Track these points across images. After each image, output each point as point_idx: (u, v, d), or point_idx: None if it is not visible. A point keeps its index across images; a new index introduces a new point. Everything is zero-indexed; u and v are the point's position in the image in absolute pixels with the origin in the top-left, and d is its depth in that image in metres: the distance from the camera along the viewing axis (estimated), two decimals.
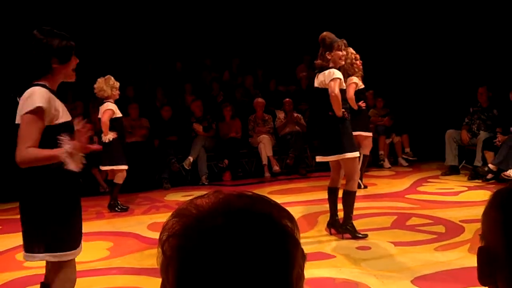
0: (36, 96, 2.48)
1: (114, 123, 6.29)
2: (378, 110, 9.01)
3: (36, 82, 2.53)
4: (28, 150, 2.42)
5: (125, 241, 5.17)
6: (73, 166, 2.45)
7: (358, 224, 4.98)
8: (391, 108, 9.10)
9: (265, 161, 8.52)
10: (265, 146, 8.55)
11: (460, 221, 5.21)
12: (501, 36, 8.02)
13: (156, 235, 5.27)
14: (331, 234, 4.94)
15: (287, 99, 9.12)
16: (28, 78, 2.56)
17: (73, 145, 2.45)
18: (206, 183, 8.19)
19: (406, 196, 6.58)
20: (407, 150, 8.92)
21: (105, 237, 5.35)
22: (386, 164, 8.66)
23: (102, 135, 6.25)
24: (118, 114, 6.40)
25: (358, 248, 4.57)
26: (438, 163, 8.40)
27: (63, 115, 2.58)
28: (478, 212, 3.78)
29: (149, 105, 9.13)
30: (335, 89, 4.61)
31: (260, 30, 10.55)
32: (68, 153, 2.43)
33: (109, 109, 6.25)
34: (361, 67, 6.30)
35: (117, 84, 6.36)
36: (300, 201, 6.45)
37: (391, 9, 9.63)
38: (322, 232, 5.06)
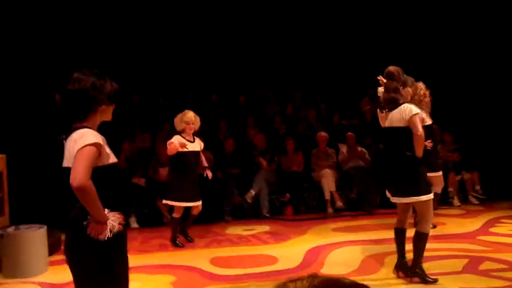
0: (90, 134, 2.55)
1: (181, 157, 6.31)
2: (447, 145, 8.69)
3: (79, 124, 2.59)
4: (90, 181, 2.45)
5: (188, 276, 5.17)
6: (102, 236, 2.49)
7: (427, 266, 4.76)
8: (460, 144, 8.76)
9: (327, 196, 8.37)
10: (328, 180, 8.41)
11: None
12: None
13: (218, 270, 5.27)
14: (399, 277, 4.74)
15: (350, 133, 8.99)
16: (72, 118, 2.63)
17: (117, 220, 2.55)
18: (267, 217, 8.13)
19: (478, 237, 6.25)
20: (477, 187, 8.52)
21: (168, 270, 5.38)
22: (456, 202, 8.30)
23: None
24: (185, 148, 6.28)
25: None
26: (510, 202, 7.96)
27: (112, 157, 2.66)
28: None
29: (213, 138, 9.25)
30: (419, 127, 4.47)
31: (324, 63, 10.55)
32: (110, 226, 2.50)
33: (170, 142, 6.27)
34: (429, 104, 6.09)
35: (189, 119, 6.49)
36: (365, 239, 6.27)
37: (461, 42, 9.37)
38: (390, 274, 4.86)
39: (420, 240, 4.60)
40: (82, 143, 2.49)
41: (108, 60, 9.22)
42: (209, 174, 6.72)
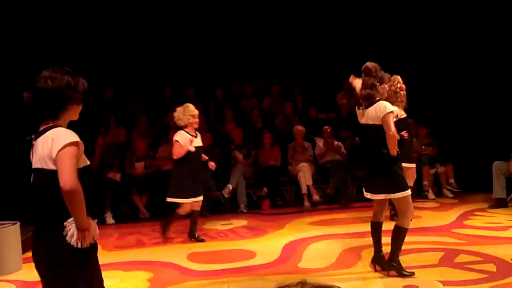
0: (68, 133, 2.47)
1: (188, 154, 6.04)
2: (421, 139, 8.78)
3: (52, 123, 2.50)
4: (79, 183, 2.37)
5: (165, 272, 5.12)
6: (86, 243, 2.43)
7: (403, 260, 4.79)
8: (435, 137, 8.87)
9: (304, 190, 8.40)
10: (305, 174, 8.44)
11: (511, 259, 4.96)
12: None
13: (195, 266, 5.24)
14: (376, 270, 4.77)
15: (327, 127, 9.02)
16: (43, 117, 2.53)
17: (96, 226, 2.51)
18: (245, 211, 8.12)
19: (453, 230, 6.33)
20: (451, 181, 8.64)
21: (145, 266, 5.32)
22: (431, 195, 8.40)
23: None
24: (187, 145, 6.01)
25: (405, 287, 4.38)
26: (484, 194, 8.09)
27: (85, 159, 2.58)
28: None
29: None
30: (391, 127, 4.46)
31: (300, 57, 10.55)
32: (90, 233, 2.45)
33: (175, 141, 6.04)
34: (404, 98, 6.11)
35: (195, 113, 6.16)
36: (342, 233, 6.30)
37: (436, 35, 9.46)
38: (367, 268, 4.89)
39: (399, 234, 4.63)
40: (63, 142, 2.39)
41: (81, 54, 9.06)
42: (213, 166, 6.61)
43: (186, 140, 6.00)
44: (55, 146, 2.39)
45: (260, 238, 6.41)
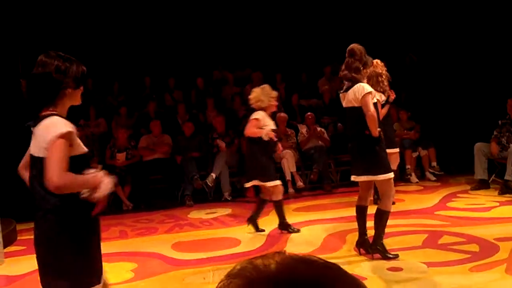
0: (61, 122, 2.43)
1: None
2: (403, 123, 8.82)
3: (49, 112, 2.46)
4: (67, 173, 2.34)
5: (149, 262, 5.08)
6: (111, 188, 2.45)
7: (387, 243, 4.82)
8: (417, 121, 8.92)
9: (288, 177, 8.39)
10: (288, 161, 8.42)
11: (494, 239, 5.02)
12: None
13: (179, 255, 5.20)
14: (360, 254, 4.79)
15: (309, 113, 9.01)
16: (40, 104, 2.49)
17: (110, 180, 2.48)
18: (229, 199, 8.10)
19: (436, 212, 6.38)
20: (434, 164, 8.70)
21: (128, 257, 5.27)
22: (413, 178, 8.46)
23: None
24: (268, 124, 5.68)
25: (389, 269, 4.40)
26: (467, 177, 8.17)
27: (82, 146, 2.54)
28: None
29: (171, 122, 9.10)
30: (370, 107, 4.45)
31: (280, 44, 10.50)
32: (108, 180, 2.44)
33: (254, 118, 5.62)
34: (385, 83, 6.08)
35: (274, 94, 5.77)
36: (326, 218, 6.31)
37: (415, 19, 9.48)
38: (351, 252, 4.91)
39: (382, 217, 4.64)
40: (54, 133, 2.36)
41: (59, 43, 8.89)
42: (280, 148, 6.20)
43: (269, 130, 5.62)
44: (48, 136, 2.37)
45: (244, 226, 6.38)
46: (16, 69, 6.28)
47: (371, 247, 4.69)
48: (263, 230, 5.93)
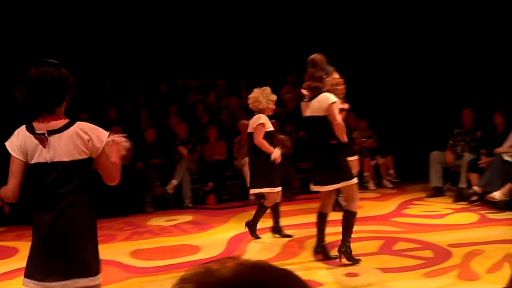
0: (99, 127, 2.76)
1: (265, 138, 5.63)
2: (361, 131, 9.00)
3: (60, 117, 2.70)
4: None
5: (107, 269, 4.97)
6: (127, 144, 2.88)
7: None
8: (375, 130, 9.11)
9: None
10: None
11: (447, 245, 5.17)
12: (485, 59, 8.11)
13: (138, 263, 5.16)
14: (318, 260, 4.86)
15: (272, 121, 9.05)
16: (47, 107, 2.66)
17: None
18: (190, 206, 8.07)
19: (392, 219, 6.53)
20: (391, 171, 8.91)
21: None
22: (371, 186, 8.63)
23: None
24: (270, 127, 5.70)
25: (346, 275, 4.49)
26: (422, 184, 8.38)
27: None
28: (465, 236, 3.78)
29: (132, 128, 9.01)
30: (337, 116, 4.54)
31: (244, 52, 10.56)
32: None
33: (261, 123, 5.59)
34: (343, 91, 6.18)
35: (274, 97, 5.78)
36: (286, 225, 6.35)
37: (374, 31, 9.70)
38: (309, 257, 4.98)
39: (349, 218, 4.74)
40: (101, 140, 2.70)
41: (21, 50, 8.73)
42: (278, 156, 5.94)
43: (278, 154, 5.62)
44: (100, 138, 2.71)
45: (205, 233, 6.39)
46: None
47: (340, 249, 4.70)
48: (290, 236, 5.78)
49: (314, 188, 4.85)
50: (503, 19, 7.88)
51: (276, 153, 5.59)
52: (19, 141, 2.64)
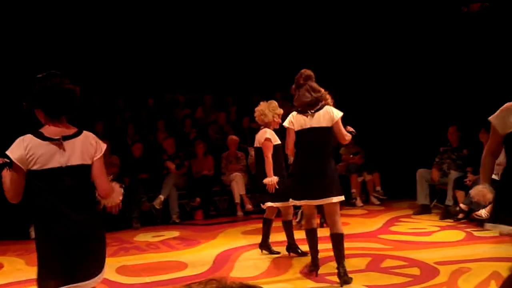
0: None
1: (273, 153, 5.52)
2: (349, 148, 9.04)
3: (73, 128, 2.93)
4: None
5: None
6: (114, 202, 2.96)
7: (332, 266, 4.90)
8: (361, 146, 9.16)
9: (237, 200, 8.42)
10: (238, 184, 8.46)
11: (434, 262, 5.18)
12: (471, 76, 8.23)
13: (125, 280, 5.10)
14: (306, 277, 4.84)
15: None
16: (65, 114, 2.92)
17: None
18: (177, 222, 8.02)
19: (379, 236, 6.54)
20: (378, 188, 8.95)
21: None
22: (358, 202, 8.66)
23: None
24: (277, 141, 5.60)
25: None
26: (409, 201, 8.43)
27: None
28: (452, 253, 3.79)
29: (119, 142, 8.98)
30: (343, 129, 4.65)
31: (232, 67, 10.60)
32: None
33: (268, 138, 5.51)
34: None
35: (281, 111, 5.66)
36: (274, 241, 6.33)
37: (359, 47, 9.81)
38: (297, 275, 4.96)
39: (340, 241, 4.71)
40: (101, 150, 2.94)
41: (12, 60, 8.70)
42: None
43: (275, 182, 5.44)
44: (98, 151, 2.92)
45: (192, 249, 6.35)
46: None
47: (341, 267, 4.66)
48: (305, 253, 5.56)
49: (317, 202, 4.68)
50: (490, 39, 8.02)
51: (271, 180, 5.44)
52: (21, 151, 2.72)
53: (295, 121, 4.77)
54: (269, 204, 5.59)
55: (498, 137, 3.27)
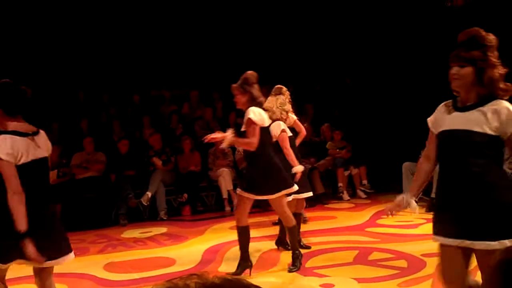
0: None
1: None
2: (335, 142, 9.09)
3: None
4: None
5: (80, 283, 4.94)
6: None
7: (320, 259, 4.97)
8: (348, 141, 9.20)
9: (225, 195, 8.41)
10: (225, 179, 8.45)
11: (421, 255, 5.23)
12: None
13: (112, 276, 5.08)
14: (294, 271, 4.87)
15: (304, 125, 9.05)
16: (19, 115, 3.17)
17: None
18: (165, 219, 7.99)
19: (367, 229, 6.59)
20: (365, 182, 8.99)
21: (58, 279, 5.04)
22: (345, 196, 8.70)
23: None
24: (289, 133, 5.60)
25: (322, 286, 4.50)
26: (396, 194, 8.36)
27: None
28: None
29: (105, 139, 8.91)
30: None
31: (218, 63, 10.58)
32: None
33: (283, 130, 5.45)
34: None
35: (289, 108, 5.61)
36: (261, 236, 6.37)
37: (347, 43, 9.84)
38: (285, 268, 4.98)
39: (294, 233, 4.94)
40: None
41: None
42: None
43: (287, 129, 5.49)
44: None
45: (180, 245, 6.33)
46: None
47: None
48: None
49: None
50: None
51: (299, 169, 5.41)
52: (8, 147, 2.95)
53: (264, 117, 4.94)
54: (293, 196, 5.43)
55: (435, 138, 2.91)
